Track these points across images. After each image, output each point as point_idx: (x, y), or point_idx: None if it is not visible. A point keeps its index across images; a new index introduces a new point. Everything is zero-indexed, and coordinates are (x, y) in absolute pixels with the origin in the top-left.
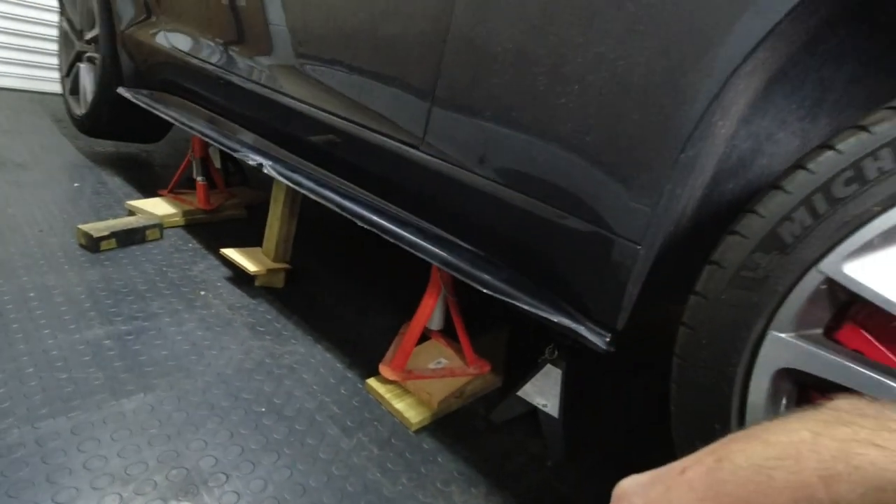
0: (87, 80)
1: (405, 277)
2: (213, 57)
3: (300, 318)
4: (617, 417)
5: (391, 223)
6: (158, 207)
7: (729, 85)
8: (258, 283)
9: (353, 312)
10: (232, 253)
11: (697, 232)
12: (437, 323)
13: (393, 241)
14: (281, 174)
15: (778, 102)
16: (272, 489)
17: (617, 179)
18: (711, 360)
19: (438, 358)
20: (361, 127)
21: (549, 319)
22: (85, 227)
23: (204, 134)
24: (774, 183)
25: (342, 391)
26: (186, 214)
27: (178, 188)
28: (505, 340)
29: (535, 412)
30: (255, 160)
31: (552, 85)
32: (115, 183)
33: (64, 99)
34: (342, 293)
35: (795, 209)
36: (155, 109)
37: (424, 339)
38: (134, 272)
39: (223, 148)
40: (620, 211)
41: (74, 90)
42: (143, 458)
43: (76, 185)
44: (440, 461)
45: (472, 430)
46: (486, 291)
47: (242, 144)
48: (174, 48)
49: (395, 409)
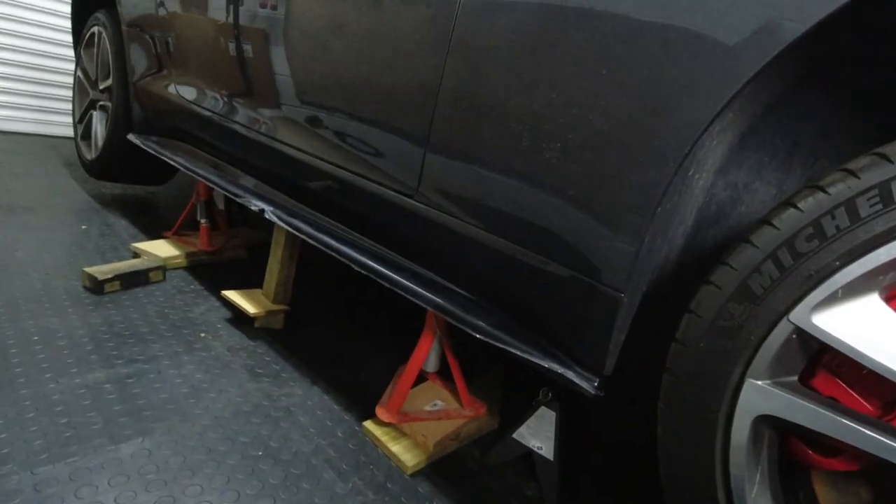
0: (98, 126)
1: (402, 319)
2: (218, 107)
3: (298, 359)
4: (613, 456)
5: (386, 268)
6: (162, 249)
7: (700, 143)
8: (258, 324)
9: (350, 354)
10: (232, 295)
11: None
12: (432, 365)
13: (388, 286)
14: (281, 219)
15: (752, 155)
16: None
17: (600, 230)
18: (693, 406)
19: (435, 400)
20: (360, 177)
21: (538, 364)
22: (90, 269)
23: (209, 179)
24: (744, 237)
25: (338, 434)
26: (189, 256)
27: (182, 230)
28: (501, 381)
29: (530, 454)
30: (257, 206)
31: (536, 141)
32: (120, 225)
33: (76, 143)
34: (340, 335)
35: (763, 262)
36: (162, 155)
37: (421, 380)
38: (136, 314)
39: (227, 193)
40: (604, 260)
41: (86, 135)
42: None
43: (83, 227)
44: None
45: (467, 472)
46: (477, 336)
47: (245, 190)
48: (183, 99)
49: (391, 451)
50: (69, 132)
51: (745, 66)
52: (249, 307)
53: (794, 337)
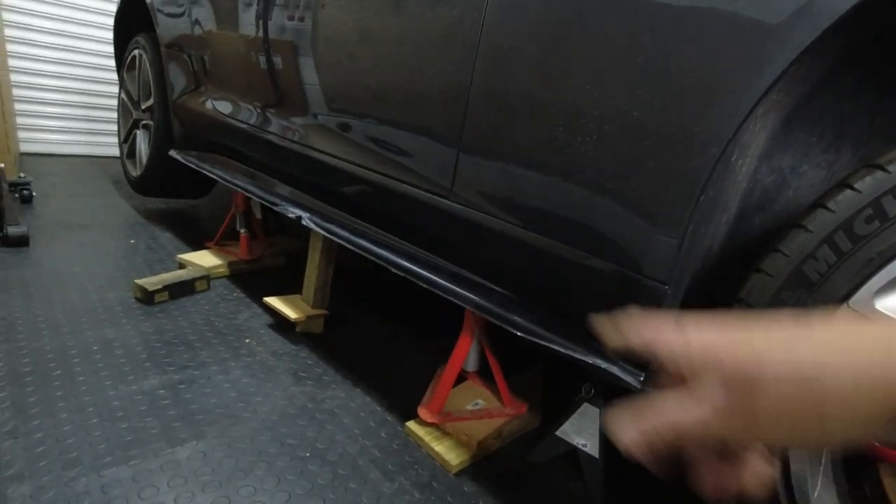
0: (142, 144)
1: (440, 319)
2: (253, 119)
3: (339, 362)
4: None
5: (424, 269)
6: (205, 259)
7: (743, 127)
8: (299, 329)
9: (388, 355)
10: (274, 301)
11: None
12: (472, 364)
13: (426, 286)
14: (318, 225)
15: (798, 138)
16: None
17: (641, 223)
18: None
19: (475, 399)
20: (393, 179)
21: (582, 360)
22: (140, 281)
23: (246, 190)
24: (796, 222)
25: (382, 434)
26: (231, 265)
27: (223, 240)
28: (541, 379)
29: (574, 452)
30: (294, 213)
31: (571, 135)
32: (165, 238)
33: (122, 162)
34: (379, 337)
35: (818, 247)
36: (202, 169)
37: (461, 380)
38: (184, 323)
39: (264, 202)
40: (646, 252)
41: (131, 154)
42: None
43: (132, 241)
44: None
45: (511, 471)
46: (517, 333)
47: (281, 198)
48: (219, 113)
49: (434, 451)
50: (116, 152)
51: (789, 46)
52: (291, 312)
53: None
